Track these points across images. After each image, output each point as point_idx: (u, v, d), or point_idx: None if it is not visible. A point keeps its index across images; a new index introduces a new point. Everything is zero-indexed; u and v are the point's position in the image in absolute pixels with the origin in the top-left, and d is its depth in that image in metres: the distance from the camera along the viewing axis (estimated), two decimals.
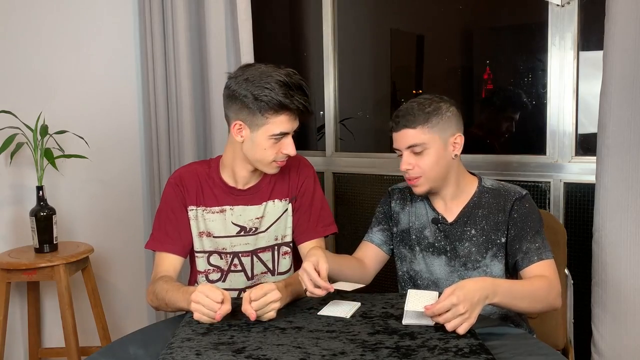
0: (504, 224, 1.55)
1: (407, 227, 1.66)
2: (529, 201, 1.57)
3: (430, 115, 1.51)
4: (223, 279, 1.69)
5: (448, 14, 2.67)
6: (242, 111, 1.53)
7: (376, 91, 3.08)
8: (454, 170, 1.58)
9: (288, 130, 1.54)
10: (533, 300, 1.42)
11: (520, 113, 2.40)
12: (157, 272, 1.63)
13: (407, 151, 1.53)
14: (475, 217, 1.58)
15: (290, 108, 1.50)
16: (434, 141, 1.52)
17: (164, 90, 2.67)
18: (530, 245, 1.51)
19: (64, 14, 2.68)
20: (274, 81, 1.49)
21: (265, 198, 1.68)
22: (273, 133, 1.52)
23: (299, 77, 1.53)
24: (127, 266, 2.88)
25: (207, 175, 1.69)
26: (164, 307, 1.53)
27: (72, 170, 2.69)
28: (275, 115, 1.51)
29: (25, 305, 2.63)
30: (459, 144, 1.56)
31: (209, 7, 2.45)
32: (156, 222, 1.69)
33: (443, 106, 1.54)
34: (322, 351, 1.19)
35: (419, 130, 1.51)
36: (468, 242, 1.57)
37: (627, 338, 1.72)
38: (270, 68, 1.53)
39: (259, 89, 1.49)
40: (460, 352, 1.16)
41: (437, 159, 1.53)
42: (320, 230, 1.71)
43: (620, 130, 1.68)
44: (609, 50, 1.69)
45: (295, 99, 1.49)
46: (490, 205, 1.57)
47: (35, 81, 2.64)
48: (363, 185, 2.60)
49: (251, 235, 1.68)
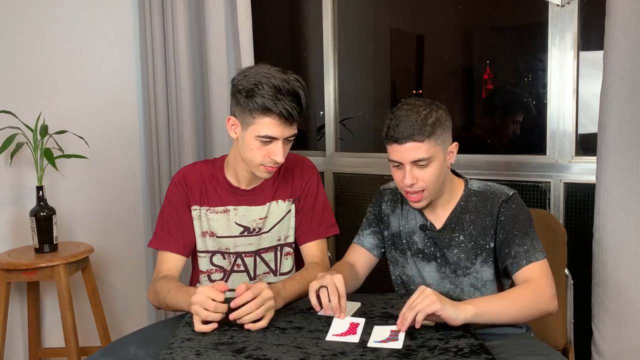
0: (491, 228, 1.51)
1: (397, 231, 1.63)
2: (515, 202, 1.51)
3: (435, 127, 1.43)
4: (225, 279, 1.69)
5: (448, 14, 2.67)
6: (236, 107, 1.54)
7: (376, 91, 3.07)
8: (448, 177, 1.54)
9: (275, 135, 1.50)
10: (518, 310, 1.35)
11: (521, 113, 2.40)
12: (159, 271, 1.62)
13: (411, 165, 1.45)
14: (463, 223, 1.54)
15: (274, 112, 1.47)
16: (438, 153, 1.45)
17: (164, 90, 2.67)
18: (519, 249, 1.46)
19: (64, 14, 2.68)
20: (267, 83, 1.47)
21: (269, 198, 1.68)
22: (259, 134, 1.50)
23: (298, 85, 1.50)
24: (127, 266, 2.88)
25: (211, 175, 1.69)
26: (165, 307, 1.52)
27: (72, 170, 2.69)
28: (261, 117, 1.49)
29: (25, 305, 2.63)
30: (454, 152, 1.52)
31: (209, 7, 2.45)
32: (159, 221, 1.69)
33: (442, 114, 1.47)
34: (322, 351, 1.18)
35: (426, 144, 1.42)
36: (457, 249, 1.54)
37: (628, 338, 1.72)
38: (272, 70, 1.51)
39: (251, 88, 1.48)
40: (460, 352, 1.16)
41: (439, 171, 1.46)
42: (323, 232, 1.71)
43: (620, 130, 1.68)
44: (609, 50, 1.69)
45: (281, 103, 1.46)
46: (478, 209, 1.53)
47: (35, 81, 2.64)
48: (363, 185, 2.60)
49: (254, 236, 1.68)
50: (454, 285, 1.55)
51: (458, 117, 2.60)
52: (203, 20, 2.49)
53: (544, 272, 1.43)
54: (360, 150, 2.69)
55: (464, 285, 1.54)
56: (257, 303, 1.32)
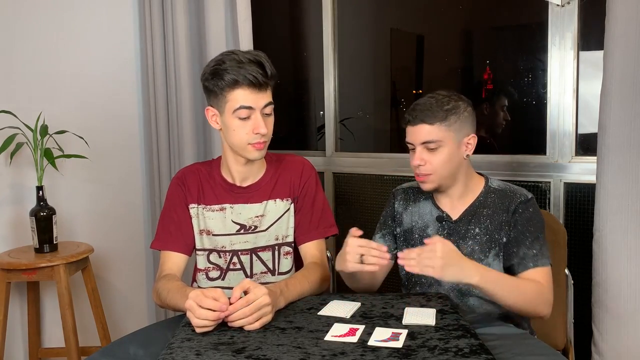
0: (506, 224, 1.55)
1: (410, 227, 1.67)
2: (533, 205, 1.56)
3: (448, 113, 1.51)
4: (222, 277, 1.70)
5: (448, 14, 2.67)
6: (209, 96, 1.58)
7: (376, 91, 3.08)
8: (463, 169, 1.58)
9: (250, 104, 1.52)
10: (518, 298, 1.43)
11: (521, 113, 2.40)
12: (161, 271, 1.65)
13: (421, 147, 1.53)
14: (480, 216, 1.58)
15: (240, 81, 1.50)
16: (448, 139, 1.52)
17: (164, 90, 2.67)
18: (528, 251, 1.51)
19: (64, 14, 2.68)
20: (228, 59, 1.52)
21: (266, 197, 1.68)
22: (234, 108, 1.53)
23: (259, 54, 1.54)
24: (127, 266, 2.89)
25: (208, 174, 1.70)
26: (167, 307, 1.54)
27: (72, 170, 2.69)
28: (231, 91, 1.52)
29: (25, 305, 2.63)
30: (472, 144, 1.57)
31: (209, 7, 2.45)
32: (160, 221, 1.71)
33: (461, 105, 1.54)
34: (322, 351, 1.18)
35: (436, 127, 1.50)
36: (471, 241, 1.57)
37: (628, 338, 1.72)
38: (234, 50, 1.57)
39: (215, 68, 1.53)
40: (460, 352, 1.16)
41: (449, 158, 1.53)
42: (321, 232, 1.71)
43: (620, 130, 1.68)
44: (609, 50, 1.68)
45: (245, 70, 1.49)
46: (496, 205, 1.58)
47: (35, 81, 2.64)
48: (363, 185, 2.60)
49: (251, 234, 1.68)
50: None
51: None
52: (203, 20, 2.49)
53: (548, 278, 1.50)
54: (360, 150, 2.69)
55: None
56: (252, 309, 1.31)
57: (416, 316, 1.34)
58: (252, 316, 1.31)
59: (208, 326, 1.30)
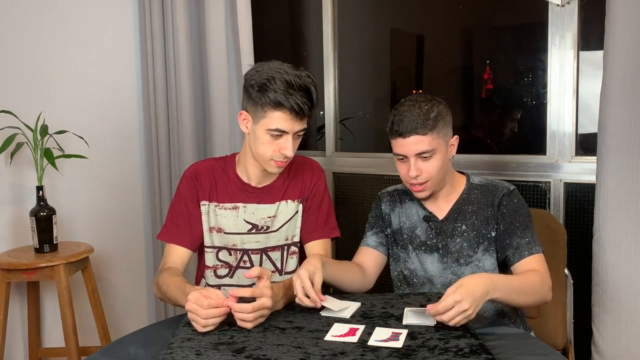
0: (493, 219, 1.58)
1: (398, 227, 1.69)
2: (517, 196, 1.60)
3: (437, 121, 1.52)
4: (231, 275, 1.71)
5: (448, 14, 2.67)
6: (248, 102, 1.57)
7: (376, 91, 3.07)
8: (449, 170, 1.61)
9: (285, 129, 1.53)
10: (528, 295, 1.44)
11: (521, 113, 2.40)
12: (164, 263, 1.66)
13: (415, 157, 1.53)
14: (465, 213, 1.61)
15: (285, 106, 1.50)
16: (440, 145, 1.53)
17: (164, 90, 2.67)
18: (521, 241, 1.54)
19: (64, 13, 2.68)
20: (279, 78, 1.50)
21: (279, 198, 1.70)
22: (269, 127, 1.53)
23: (309, 81, 1.53)
24: (127, 266, 2.89)
25: (222, 171, 1.71)
26: (167, 300, 1.55)
27: (72, 170, 2.69)
28: (272, 111, 1.52)
29: (25, 305, 2.63)
30: (455, 145, 1.60)
31: (209, 7, 2.45)
32: (169, 213, 1.72)
33: (443, 109, 1.55)
34: (322, 351, 1.18)
35: (428, 137, 1.51)
36: (459, 238, 1.60)
37: (628, 338, 1.72)
38: (285, 66, 1.54)
39: (263, 83, 1.51)
40: (460, 352, 1.16)
41: (442, 163, 1.55)
42: (327, 232, 1.73)
43: (620, 130, 1.68)
44: (609, 50, 1.68)
45: (292, 98, 1.49)
46: (480, 201, 1.61)
47: (35, 81, 2.64)
48: (363, 185, 2.60)
49: (262, 234, 1.69)
50: (456, 276, 1.59)
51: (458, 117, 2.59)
52: (203, 20, 2.49)
53: (544, 264, 1.53)
54: (360, 150, 2.69)
55: (466, 274, 1.56)
56: (254, 308, 1.31)
57: (416, 317, 1.34)
58: (250, 315, 1.31)
59: (214, 324, 1.30)
